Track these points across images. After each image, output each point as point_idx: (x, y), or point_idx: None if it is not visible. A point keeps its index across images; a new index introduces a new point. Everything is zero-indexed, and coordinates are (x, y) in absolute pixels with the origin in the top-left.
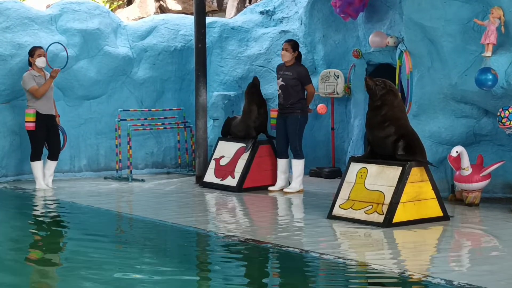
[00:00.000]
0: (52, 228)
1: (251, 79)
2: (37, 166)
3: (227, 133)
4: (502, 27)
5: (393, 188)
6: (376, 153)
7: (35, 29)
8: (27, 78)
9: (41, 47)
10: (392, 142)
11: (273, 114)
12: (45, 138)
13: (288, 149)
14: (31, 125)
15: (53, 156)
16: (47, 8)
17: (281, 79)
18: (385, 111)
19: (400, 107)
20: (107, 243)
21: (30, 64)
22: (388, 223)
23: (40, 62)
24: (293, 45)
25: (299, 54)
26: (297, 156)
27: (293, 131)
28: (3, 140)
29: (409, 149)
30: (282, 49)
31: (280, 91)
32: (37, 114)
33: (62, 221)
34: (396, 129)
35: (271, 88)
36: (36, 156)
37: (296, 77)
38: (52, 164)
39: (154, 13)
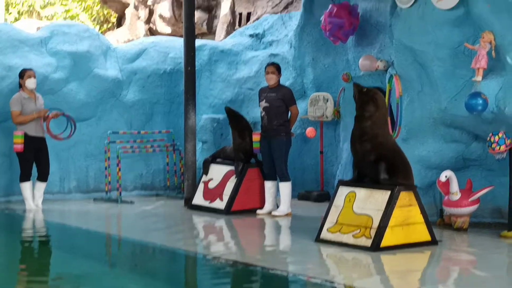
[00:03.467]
0: (41, 249)
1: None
2: (26, 187)
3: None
4: (493, 51)
5: (382, 212)
6: (361, 173)
7: (25, 51)
8: (14, 100)
9: (31, 69)
10: (372, 162)
11: (256, 137)
12: (34, 159)
13: (275, 171)
14: (19, 147)
15: (42, 177)
16: (37, 30)
17: (264, 100)
18: (364, 123)
19: (379, 122)
20: (96, 265)
21: (20, 85)
22: (376, 247)
23: (30, 83)
24: (277, 67)
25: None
26: (284, 179)
27: (278, 154)
28: None
29: (391, 171)
30: (268, 72)
31: (263, 112)
32: (25, 136)
33: (51, 242)
34: (373, 146)
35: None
36: (25, 177)
37: (281, 98)
38: (41, 185)
39: (144, 36)
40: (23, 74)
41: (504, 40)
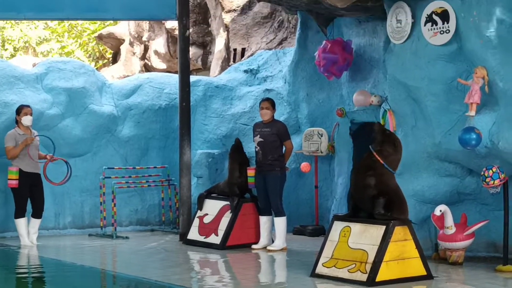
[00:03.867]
0: (36, 285)
1: (235, 137)
2: (21, 223)
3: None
4: (486, 86)
5: (377, 246)
6: (358, 207)
7: (21, 88)
8: (9, 136)
9: (28, 106)
10: (371, 197)
11: (250, 172)
12: (28, 195)
13: (270, 206)
14: (13, 183)
15: (37, 214)
16: (33, 66)
17: (259, 135)
18: (375, 159)
19: (393, 163)
20: None
21: (17, 122)
22: (371, 282)
23: (26, 120)
24: (272, 103)
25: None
26: (279, 214)
27: (273, 189)
28: None
29: (388, 207)
30: (262, 108)
31: (258, 148)
32: (20, 172)
33: (46, 279)
34: (377, 182)
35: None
36: (20, 214)
37: (276, 132)
38: (36, 222)
39: (139, 72)
40: (20, 110)
41: (497, 75)
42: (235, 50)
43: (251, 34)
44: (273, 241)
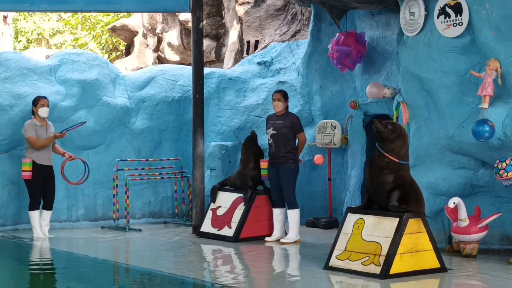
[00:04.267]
0: (49, 278)
1: (249, 129)
2: (35, 215)
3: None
4: (499, 79)
5: (390, 239)
6: (373, 200)
7: (34, 80)
8: (28, 126)
9: (45, 97)
10: (387, 191)
11: (263, 164)
12: (42, 187)
13: (283, 199)
14: (27, 174)
15: (48, 206)
16: (46, 58)
17: (272, 128)
18: (389, 160)
19: (405, 156)
20: None
21: (33, 113)
22: (385, 274)
23: (42, 112)
24: (284, 95)
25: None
26: (292, 206)
27: (286, 182)
28: (2, 189)
29: (402, 199)
30: (274, 99)
31: (271, 140)
32: (34, 163)
33: (58, 271)
34: (394, 178)
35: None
36: (34, 206)
37: (289, 125)
38: (47, 214)
39: (152, 64)
40: (36, 102)
41: (510, 68)
42: (248, 42)
43: (265, 27)
44: (286, 234)
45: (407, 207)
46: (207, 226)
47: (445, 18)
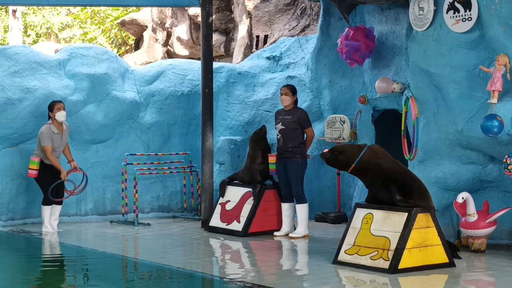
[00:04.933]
0: (57, 271)
1: (258, 124)
2: (46, 210)
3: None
4: (508, 74)
5: (399, 234)
6: (374, 196)
7: (43, 74)
8: (45, 134)
9: (60, 101)
10: (381, 186)
11: (272, 159)
12: (52, 183)
13: (291, 193)
14: (33, 173)
15: (57, 201)
16: (55, 52)
17: (280, 123)
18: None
19: (374, 156)
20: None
21: (49, 117)
22: (393, 269)
23: (60, 116)
24: (292, 89)
25: (296, 99)
26: (300, 201)
27: (294, 176)
28: (11, 183)
29: (405, 192)
30: (281, 94)
31: (279, 135)
32: (41, 163)
33: (67, 265)
34: (379, 174)
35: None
36: (47, 201)
37: (297, 120)
38: (56, 208)
39: (162, 58)
40: (52, 106)
41: None
42: (257, 37)
43: (274, 21)
44: (295, 228)
45: (413, 201)
46: (216, 221)
47: (454, 13)
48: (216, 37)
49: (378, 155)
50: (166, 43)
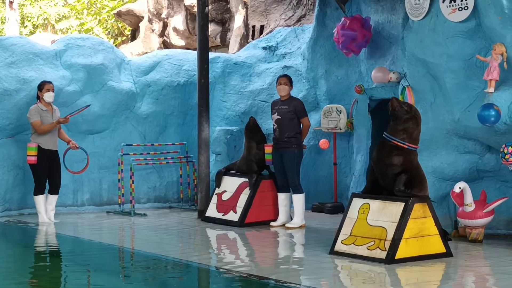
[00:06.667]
0: (54, 262)
1: (254, 114)
2: (40, 200)
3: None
4: (505, 63)
5: (396, 224)
6: (375, 183)
7: (40, 64)
8: (33, 111)
9: (50, 82)
10: (394, 174)
11: (268, 149)
12: (47, 172)
13: (288, 183)
14: (32, 159)
15: (54, 191)
16: (52, 43)
17: (276, 113)
18: (400, 137)
19: (416, 140)
20: (109, 278)
21: (38, 97)
22: (390, 259)
23: (48, 96)
24: (289, 79)
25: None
26: (297, 191)
27: (290, 166)
28: (7, 174)
29: (409, 184)
30: (280, 83)
31: (275, 125)
32: (39, 148)
33: (64, 256)
34: (403, 161)
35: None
36: (39, 190)
37: (293, 110)
38: (53, 199)
39: (158, 49)
40: (42, 86)
41: None
42: (253, 27)
43: (270, 11)
44: (291, 218)
45: (412, 192)
46: (212, 211)
47: (450, 2)
48: (212, 28)
49: (414, 141)
50: (162, 34)
